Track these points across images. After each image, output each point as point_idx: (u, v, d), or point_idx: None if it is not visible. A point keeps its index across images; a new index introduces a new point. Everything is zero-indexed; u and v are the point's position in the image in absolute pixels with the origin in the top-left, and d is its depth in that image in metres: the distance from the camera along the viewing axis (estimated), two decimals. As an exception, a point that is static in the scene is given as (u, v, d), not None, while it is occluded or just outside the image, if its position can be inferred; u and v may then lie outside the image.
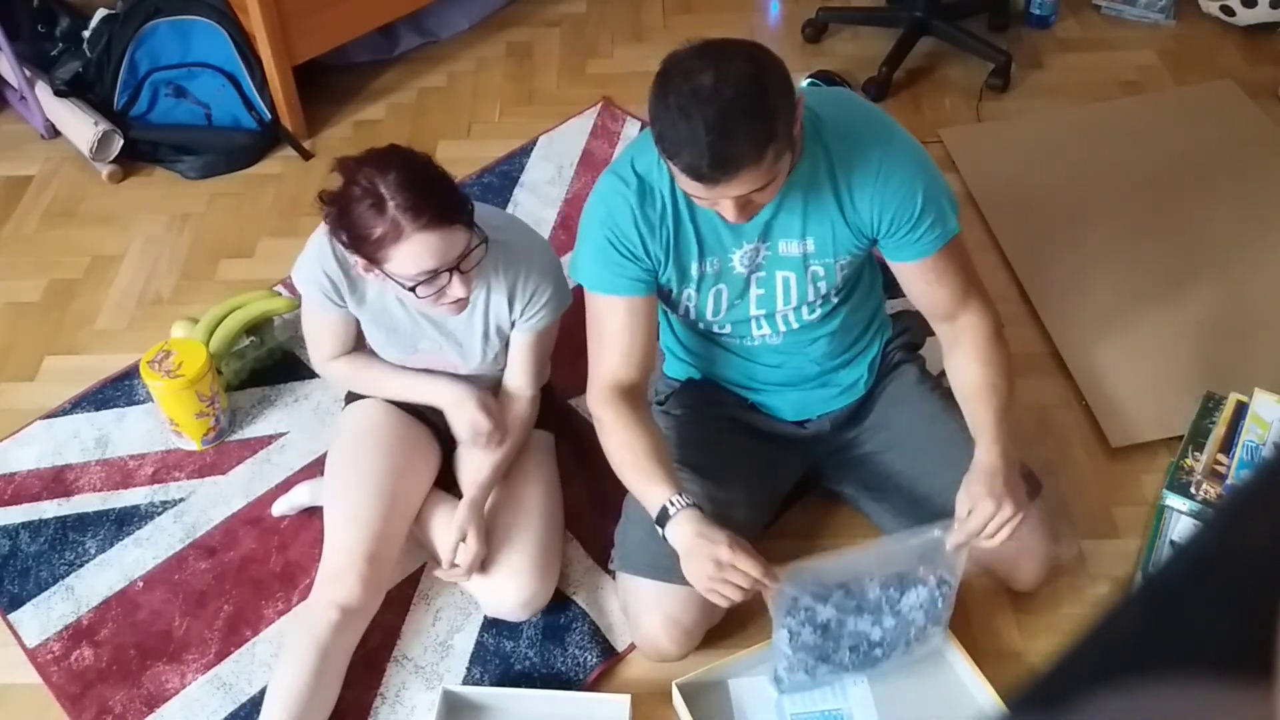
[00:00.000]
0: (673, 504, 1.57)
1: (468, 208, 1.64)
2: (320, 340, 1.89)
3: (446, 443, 1.99)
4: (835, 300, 1.73)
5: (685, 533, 1.55)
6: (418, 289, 1.61)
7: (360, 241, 1.58)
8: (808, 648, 1.64)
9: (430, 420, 1.97)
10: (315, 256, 1.76)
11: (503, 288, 1.77)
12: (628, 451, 1.65)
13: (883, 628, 1.65)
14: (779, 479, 1.90)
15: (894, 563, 1.63)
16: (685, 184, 1.45)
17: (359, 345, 1.91)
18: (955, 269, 1.67)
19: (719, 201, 1.46)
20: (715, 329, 1.75)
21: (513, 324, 1.81)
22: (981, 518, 1.56)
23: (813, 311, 1.72)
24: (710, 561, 1.52)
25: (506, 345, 1.85)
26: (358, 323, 1.86)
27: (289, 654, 1.70)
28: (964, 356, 1.70)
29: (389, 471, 1.84)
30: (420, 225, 1.55)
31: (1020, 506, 1.56)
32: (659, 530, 1.59)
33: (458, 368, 1.87)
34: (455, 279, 1.62)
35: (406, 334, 1.83)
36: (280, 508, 2.02)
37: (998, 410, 1.64)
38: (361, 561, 1.75)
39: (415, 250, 1.56)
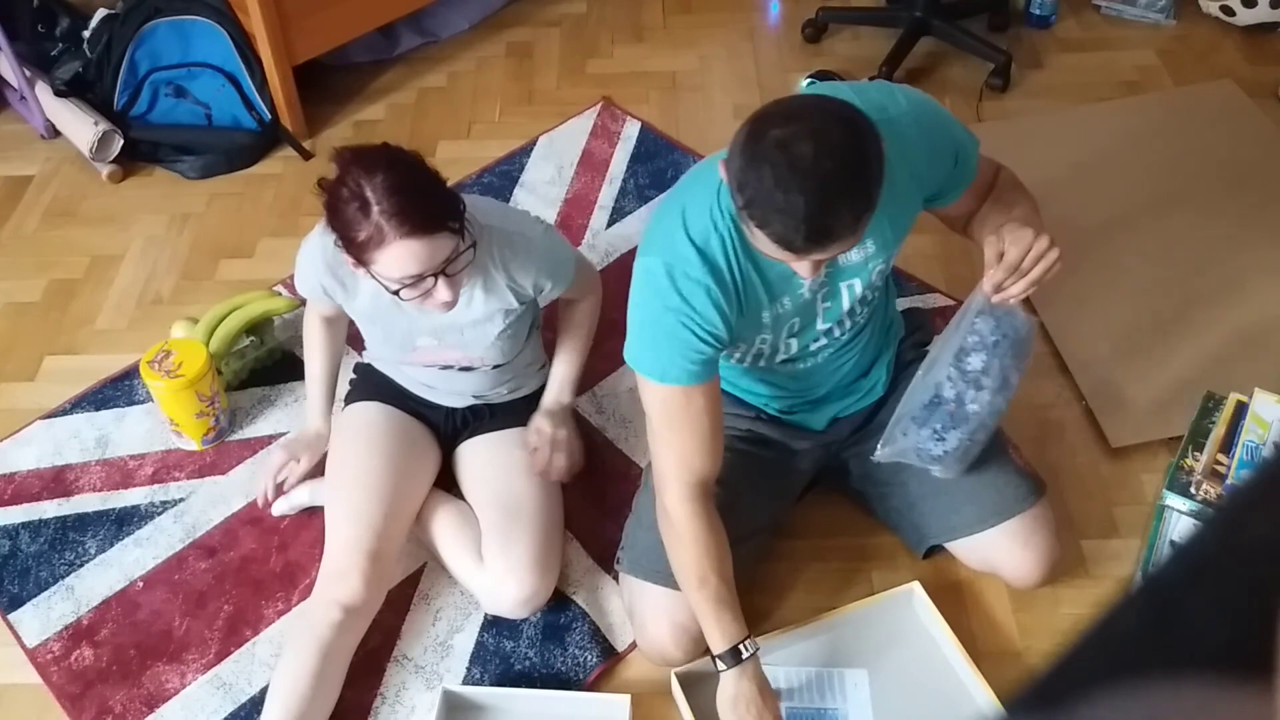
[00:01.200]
0: (746, 649, 1.60)
1: (457, 211, 1.61)
2: (314, 304, 1.96)
3: (446, 443, 1.99)
4: (874, 300, 1.73)
5: (744, 685, 1.59)
6: (402, 292, 1.60)
7: (348, 243, 1.59)
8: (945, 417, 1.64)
9: (430, 421, 1.97)
10: (307, 263, 1.79)
11: (499, 278, 1.76)
12: (704, 572, 1.59)
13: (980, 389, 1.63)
14: (790, 485, 1.91)
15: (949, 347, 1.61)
16: (767, 248, 1.39)
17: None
18: (986, 171, 1.70)
19: (798, 261, 1.41)
20: (779, 359, 1.71)
21: (522, 305, 1.82)
22: (1020, 247, 1.51)
23: (864, 308, 1.70)
24: None
25: (508, 327, 1.83)
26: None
27: (290, 654, 1.70)
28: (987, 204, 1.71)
29: (390, 470, 1.84)
30: (404, 233, 1.53)
31: (1053, 241, 1.52)
32: (716, 663, 1.61)
33: (459, 360, 1.87)
34: (441, 283, 1.60)
35: (402, 332, 1.82)
36: (280, 507, 2.02)
37: (1030, 204, 1.67)
38: (364, 559, 1.75)
39: (399, 255, 1.55)
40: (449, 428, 1.99)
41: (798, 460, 1.88)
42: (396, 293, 1.60)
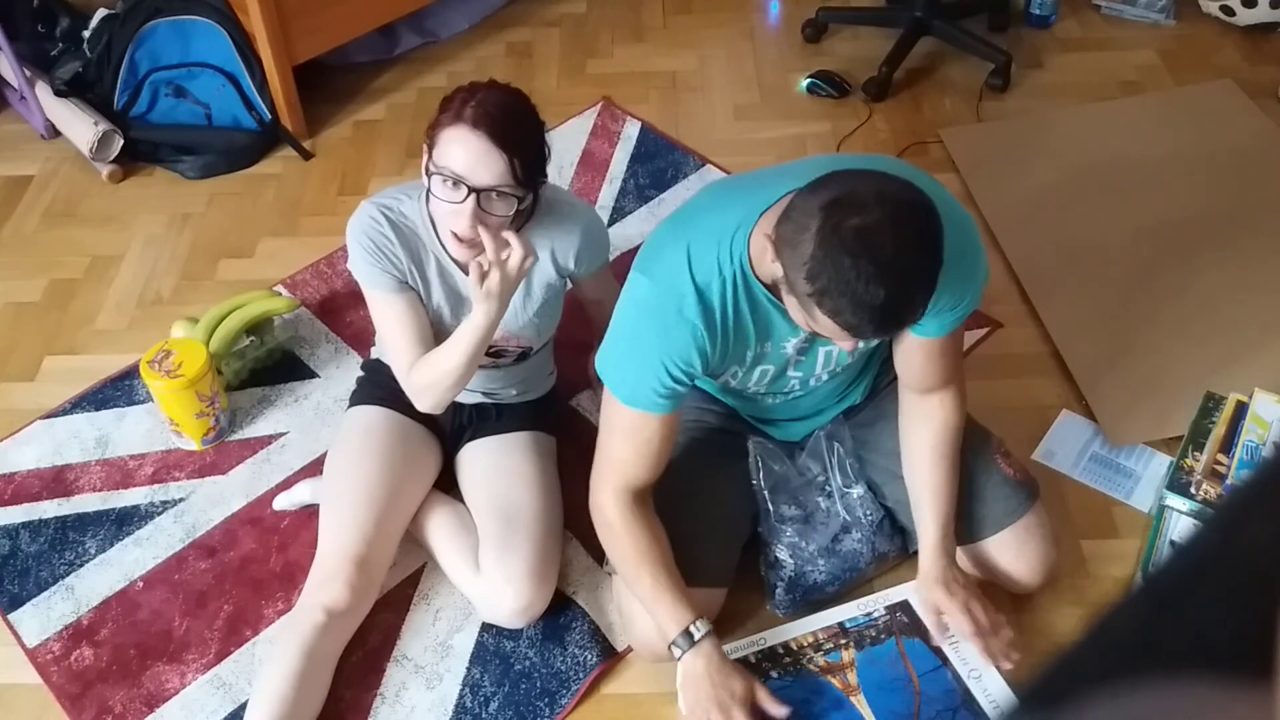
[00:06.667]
0: (697, 630, 1.58)
1: (532, 167, 1.63)
2: (397, 340, 1.77)
3: (450, 443, 1.99)
4: (855, 363, 1.75)
5: (699, 665, 1.56)
6: (433, 183, 1.61)
7: (436, 120, 1.64)
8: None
9: (434, 421, 1.97)
10: (357, 226, 1.74)
11: (543, 242, 1.78)
12: (643, 562, 1.61)
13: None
14: None
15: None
16: (825, 329, 1.37)
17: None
18: (956, 347, 1.67)
19: (850, 340, 1.41)
20: (750, 390, 1.73)
21: (565, 279, 1.84)
22: (972, 624, 1.64)
23: (841, 368, 1.72)
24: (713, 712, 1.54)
25: (545, 304, 1.83)
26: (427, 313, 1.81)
27: (275, 656, 1.70)
28: (928, 444, 1.69)
29: (385, 477, 1.84)
30: (470, 123, 1.58)
31: (971, 593, 1.67)
32: (672, 651, 1.59)
33: (495, 340, 1.83)
34: (469, 207, 1.59)
35: (461, 298, 1.81)
36: (281, 503, 2.02)
37: (947, 517, 1.68)
38: (350, 566, 1.75)
39: (451, 141, 1.59)
40: (455, 426, 1.98)
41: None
42: (430, 176, 1.61)
